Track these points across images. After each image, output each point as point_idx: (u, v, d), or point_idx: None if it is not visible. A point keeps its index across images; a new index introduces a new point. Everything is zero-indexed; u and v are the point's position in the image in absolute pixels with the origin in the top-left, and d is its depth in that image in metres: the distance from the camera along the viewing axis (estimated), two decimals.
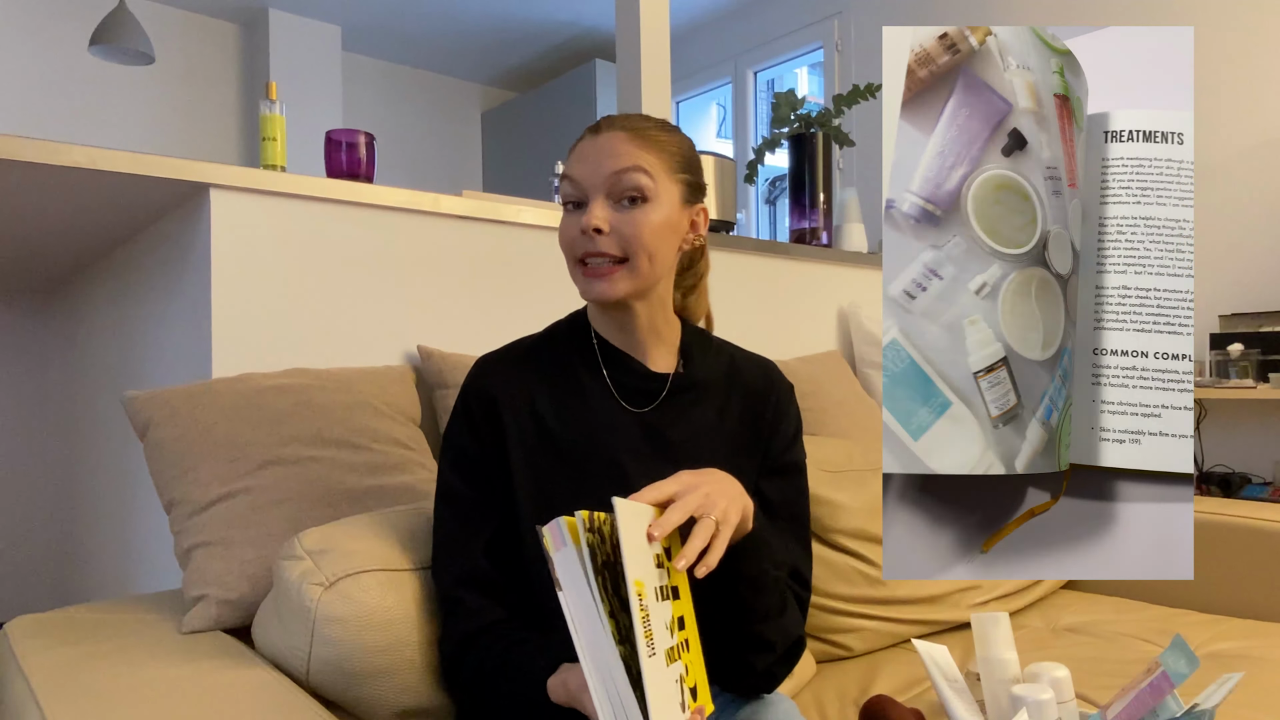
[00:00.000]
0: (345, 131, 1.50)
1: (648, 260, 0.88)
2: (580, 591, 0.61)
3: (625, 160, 0.86)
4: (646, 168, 0.87)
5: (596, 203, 0.86)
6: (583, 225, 0.86)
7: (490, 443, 0.90)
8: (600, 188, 0.87)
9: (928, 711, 1.11)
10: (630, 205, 0.87)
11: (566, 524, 0.63)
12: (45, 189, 1.29)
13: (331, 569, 0.88)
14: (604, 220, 0.86)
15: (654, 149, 0.88)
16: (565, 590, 0.61)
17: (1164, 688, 0.82)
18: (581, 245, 0.87)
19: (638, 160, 0.86)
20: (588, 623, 0.61)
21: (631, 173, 0.86)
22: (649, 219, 0.87)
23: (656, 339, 0.95)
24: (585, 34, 4.87)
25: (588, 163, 0.87)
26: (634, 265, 0.87)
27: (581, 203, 0.88)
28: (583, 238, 0.87)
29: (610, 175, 0.86)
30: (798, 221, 2.32)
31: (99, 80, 4.11)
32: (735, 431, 0.96)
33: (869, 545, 1.40)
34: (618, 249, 0.86)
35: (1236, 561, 1.56)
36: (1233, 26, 2.69)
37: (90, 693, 0.80)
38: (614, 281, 0.87)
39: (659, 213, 0.87)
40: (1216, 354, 2.44)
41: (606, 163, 0.86)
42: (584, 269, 0.88)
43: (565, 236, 0.89)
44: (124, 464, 1.73)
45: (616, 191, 0.86)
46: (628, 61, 2.53)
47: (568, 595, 0.61)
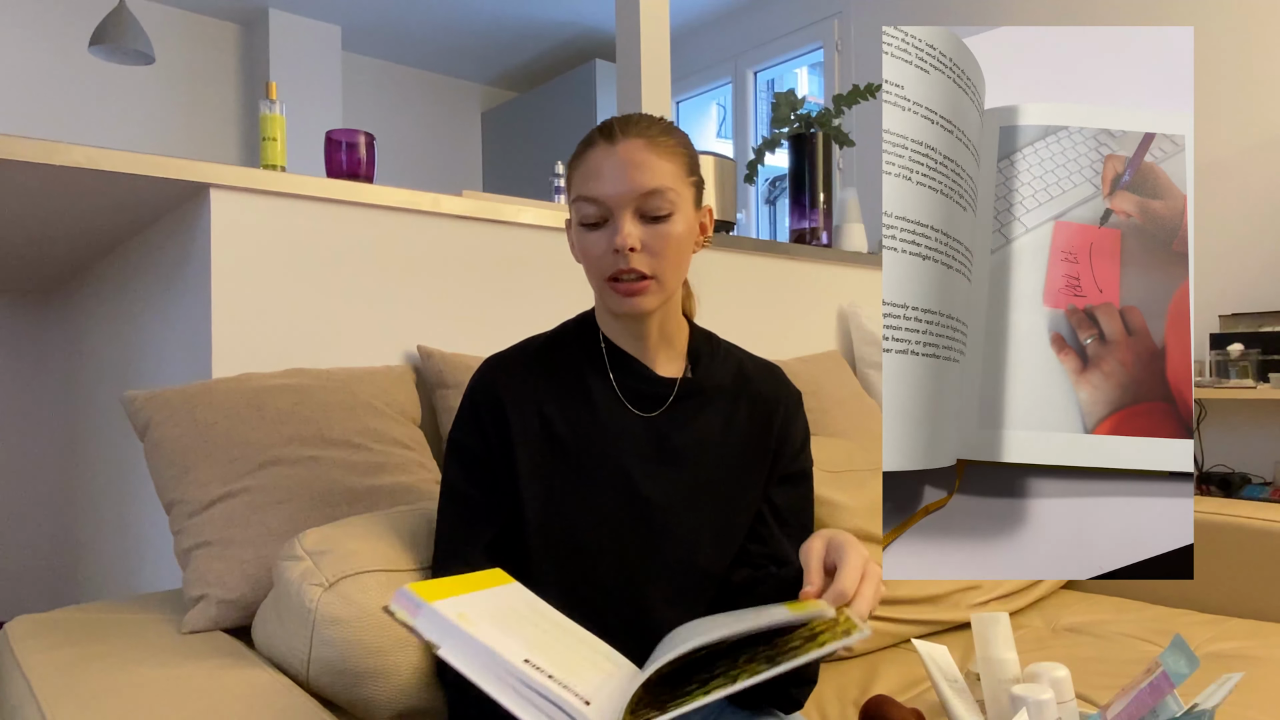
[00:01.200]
0: (345, 131, 1.50)
1: (675, 272, 0.88)
2: (456, 635, 0.60)
3: (652, 179, 0.85)
4: (672, 184, 0.86)
5: (626, 220, 0.85)
6: (616, 245, 0.84)
7: (496, 444, 0.90)
8: (627, 205, 0.85)
9: (928, 711, 1.11)
10: (656, 222, 0.86)
11: (412, 590, 0.63)
12: (45, 189, 1.29)
13: (331, 569, 0.88)
14: (637, 240, 0.85)
15: (670, 157, 0.87)
16: (443, 648, 0.60)
17: (1164, 688, 0.82)
18: (612, 264, 0.86)
19: (664, 179, 0.85)
20: (477, 657, 0.60)
21: (664, 193, 0.85)
22: (675, 232, 0.86)
23: (666, 343, 0.95)
24: (585, 34, 4.87)
25: (612, 180, 0.85)
26: (663, 279, 0.87)
27: (603, 221, 0.86)
28: (614, 257, 0.86)
29: (640, 196, 0.85)
30: (798, 221, 2.32)
31: (99, 80, 4.11)
32: (743, 438, 0.96)
33: (869, 545, 1.40)
34: (649, 266, 0.86)
35: (1236, 561, 1.56)
36: (1233, 26, 2.69)
37: (90, 693, 0.80)
38: (647, 296, 0.87)
39: (682, 224, 0.87)
40: (1216, 354, 2.44)
41: (633, 179, 0.85)
42: (614, 285, 0.87)
43: (591, 254, 0.87)
44: (124, 464, 1.73)
45: (645, 210, 0.85)
46: (628, 61, 2.53)
47: (446, 649, 0.60)
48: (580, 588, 0.88)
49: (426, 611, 0.61)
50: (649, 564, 0.89)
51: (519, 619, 0.68)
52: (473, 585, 0.71)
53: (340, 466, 1.15)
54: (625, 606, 0.88)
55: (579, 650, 0.68)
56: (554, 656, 0.64)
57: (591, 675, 0.64)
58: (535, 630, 0.67)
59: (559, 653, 0.65)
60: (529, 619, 0.69)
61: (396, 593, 0.63)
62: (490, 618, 0.64)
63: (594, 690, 0.62)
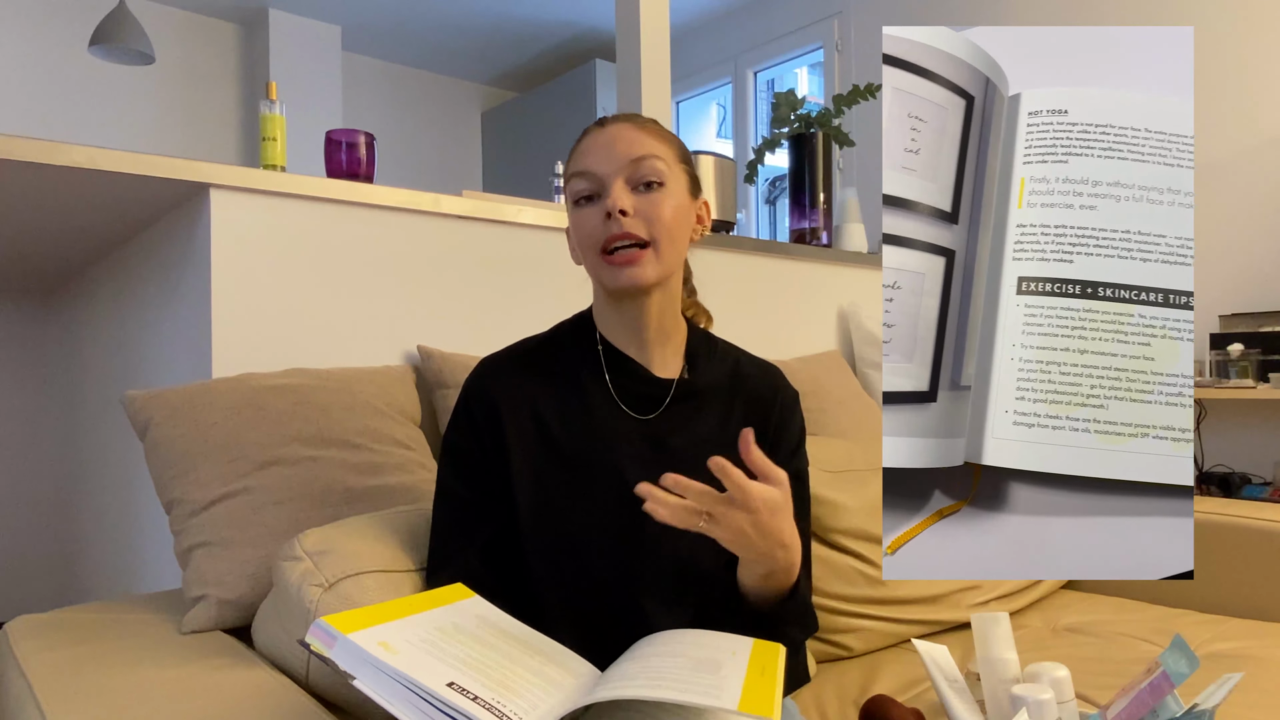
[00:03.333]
0: (345, 131, 1.50)
1: (670, 244, 0.88)
2: (371, 665, 0.61)
3: (640, 148, 0.87)
4: (661, 155, 0.88)
5: (617, 186, 0.86)
6: (607, 208, 0.86)
7: (490, 445, 0.90)
8: (618, 174, 0.87)
9: (928, 711, 1.11)
10: (647, 190, 0.87)
11: (327, 622, 0.63)
12: (45, 189, 1.29)
13: (331, 570, 0.88)
14: (628, 203, 0.86)
15: (661, 139, 0.90)
16: (358, 678, 0.61)
17: (1164, 688, 0.82)
18: (605, 232, 0.86)
19: (651, 148, 0.88)
20: (393, 686, 0.60)
21: (649, 159, 0.87)
22: (668, 201, 0.88)
23: (664, 340, 0.94)
24: (585, 34, 4.87)
25: (600, 153, 0.88)
26: (659, 248, 0.87)
27: (595, 195, 0.88)
28: (606, 224, 0.86)
29: (629, 162, 0.87)
30: (798, 221, 2.32)
31: (99, 80, 4.11)
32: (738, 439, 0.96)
33: (869, 545, 1.40)
34: (644, 231, 0.86)
35: (1236, 561, 1.56)
36: (1233, 26, 2.69)
37: (90, 693, 0.80)
38: (643, 266, 0.87)
39: (675, 197, 0.89)
40: (1216, 354, 2.43)
41: (622, 150, 0.87)
42: (609, 258, 0.87)
43: (584, 228, 0.88)
44: (124, 464, 1.73)
45: (635, 177, 0.87)
46: (628, 61, 2.53)
47: (361, 680, 0.61)
48: (575, 589, 0.88)
49: (342, 643, 0.61)
50: (643, 566, 0.89)
51: (461, 638, 0.68)
52: (421, 605, 0.72)
53: (340, 466, 1.15)
54: (619, 608, 0.88)
55: (529, 665, 0.68)
56: (492, 675, 0.64)
57: (532, 692, 0.64)
58: (478, 649, 0.67)
59: (499, 671, 0.65)
60: (475, 636, 0.70)
61: (312, 625, 0.63)
62: (421, 641, 0.65)
63: (530, 707, 0.62)
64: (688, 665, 0.68)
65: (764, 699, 0.64)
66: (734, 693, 0.64)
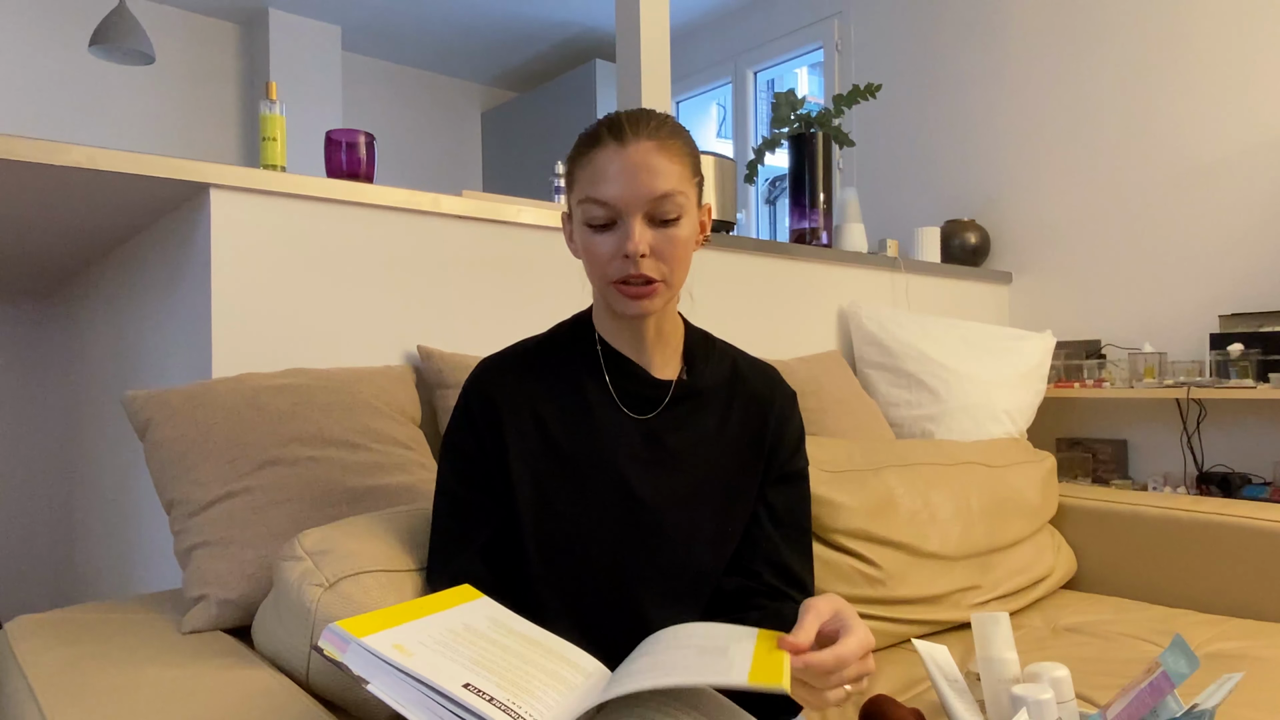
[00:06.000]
0: (345, 131, 1.50)
1: (681, 274, 0.88)
2: (385, 669, 0.60)
3: (663, 182, 0.84)
4: (681, 188, 0.85)
5: (637, 225, 0.84)
6: (627, 251, 0.83)
7: (490, 446, 0.90)
8: (638, 210, 0.84)
9: (928, 711, 1.11)
10: (664, 226, 0.85)
11: (340, 626, 0.63)
12: (45, 189, 1.29)
13: (331, 570, 0.88)
14: (648, 245, 0.84)
15: (678, 159, 0.86)
16: (372, 682, 0.60)
17: (1164, 688, 0.82)
18: (620, 269, 0.85)
19: (673, 182, 0.84)
20: (408, 688, 0.60)
21: (672, 196, 0.84)
22: (683, 236, 0.86)
23: (663, 343, 0.94)
24: (585, 34, 4.86)
25: (621, 182, 0.84)
26: (670, 282, 0.87)
27: (611, 223, 0.85)
28: (623, 261, 0.85)
29: (652, 200, 0.84)
30: (798, 221, 2.32)
31: (99, 80, 4.11)
32: (737, 439, 0.95)
33: (869, 545, 1.40)
34: (658, 272, 0.85)
35: (1236, 561, 1.56)
36: (1232, 26, 2.69)
37: (90, 693, 0.80)
38: (654, 299, 0.86)
39: (689, 227, 0.87)
40: (1216, 354, 2.43)
41: (644, 184, 0.83)
42: (622, 288, 0.86)
43: (598, 255, 0.86)
44: (124, 464, 1.73)
45: (655, 214, 0.85)
46: (628, 61, 2.53)
47: (375, 684, 0.60)
48: (575, 589, 0.88)
49: (355, 647, 0.61)
50: (644, 566, 0.89)
51: (474, 639, 0.68)
52: (431, 607, 0.72)
53: (340, 466, 1.15)
54: (620, 607, 0.88)
55: (542, 665, 0.68)
56: (506, 676, 0.64)
57: (547, 692, 0.64)
58: (491, 649, 0.67)
59: (513, 671, 0.65)
60: (487, 637, 0.70)
61: (325, 630, 0.63)
62: (434, 643, 0.65)
63: (545, 708, 0.62)
64: (695, 653, 0.68)
65: (773, 670, 0.64)
66: (743, 669, 0.64)
